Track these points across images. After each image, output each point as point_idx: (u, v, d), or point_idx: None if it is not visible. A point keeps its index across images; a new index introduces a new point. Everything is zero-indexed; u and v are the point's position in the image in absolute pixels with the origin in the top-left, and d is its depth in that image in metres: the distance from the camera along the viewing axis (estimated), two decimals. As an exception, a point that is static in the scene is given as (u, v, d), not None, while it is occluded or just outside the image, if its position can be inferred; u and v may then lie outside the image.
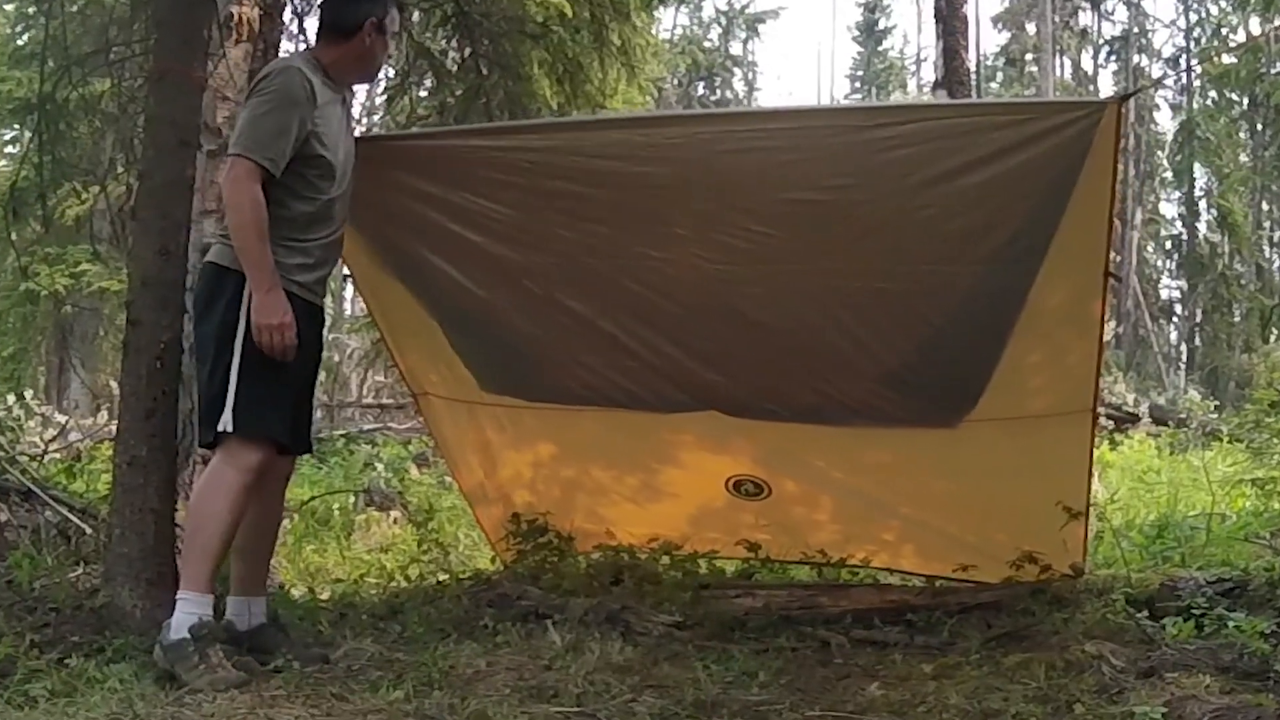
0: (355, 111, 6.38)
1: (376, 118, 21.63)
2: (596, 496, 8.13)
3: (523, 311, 6.98)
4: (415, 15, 10.47)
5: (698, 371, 7.08)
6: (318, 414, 18.29)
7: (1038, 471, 6.91)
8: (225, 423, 5.38)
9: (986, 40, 67.29)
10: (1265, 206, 48.73)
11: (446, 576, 7.93)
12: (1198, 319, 49.29)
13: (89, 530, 7.48)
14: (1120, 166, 6.34)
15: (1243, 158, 47.76)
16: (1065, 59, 54.34)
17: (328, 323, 6.00)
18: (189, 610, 5.28)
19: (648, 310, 6.77)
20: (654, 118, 9.58)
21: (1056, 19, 50.67)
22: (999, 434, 6.91)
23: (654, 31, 16.56)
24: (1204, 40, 49.04)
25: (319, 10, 6.09)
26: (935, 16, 18.27)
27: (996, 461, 7.01)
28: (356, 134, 6.34)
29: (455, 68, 10.55)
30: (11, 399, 14.38)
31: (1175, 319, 53.01)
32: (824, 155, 5.93)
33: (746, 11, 64.39)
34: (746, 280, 6.45)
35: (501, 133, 7.16)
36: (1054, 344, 6.52)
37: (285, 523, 8.38)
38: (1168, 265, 54.43)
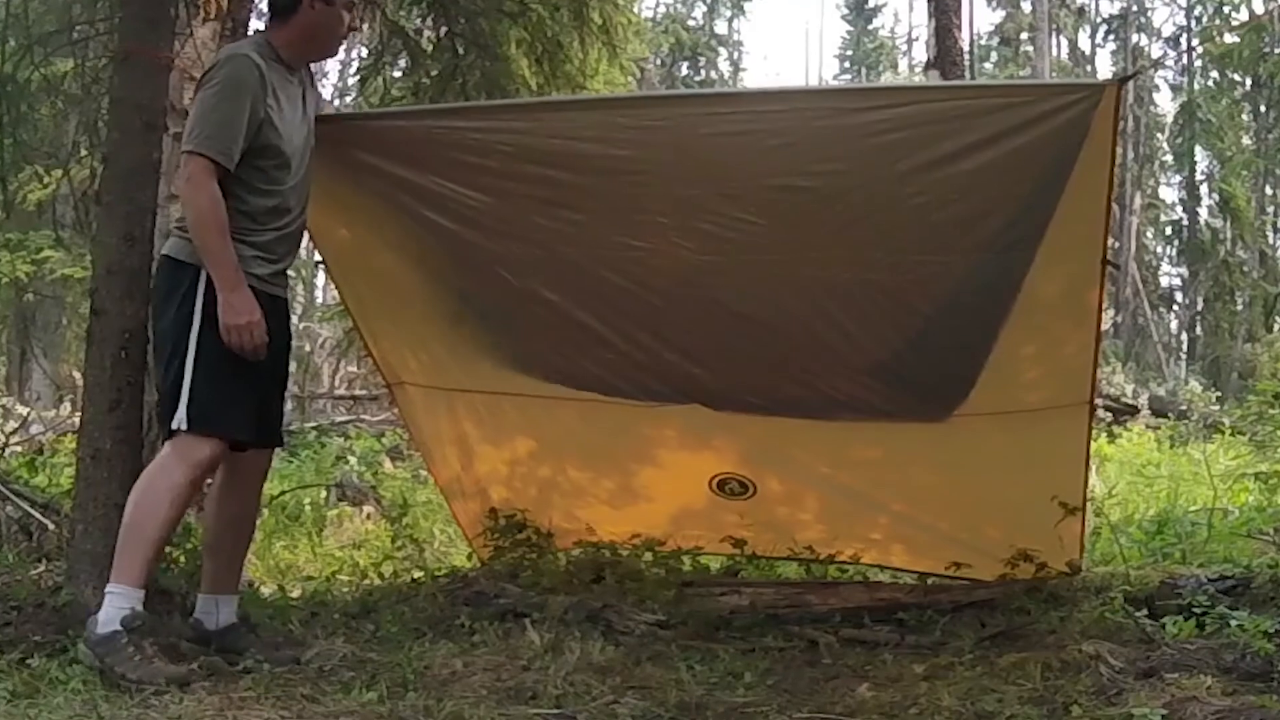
0: (326, 94, 6.33)
1: (350, 98, 21.64)
2: (572, 499, 8.13)
3: (498, 301, 6.97)
4: (390, -8, 10.46)
5: (679, 364, 7.07)
6: (288, 406, 18.30)
7: (1033, 466, 6.93)
8: (180, 420, 5.39)
9: (980, 19, 67.02)
10: (1269, 191, 48.87)
11: (421, 574, 7.93)
12: (1199, 307, 49.42)
13: (51, 526, 7.49)
14: (1119, 149, 6.36)
15: (1245, 140, 47.89)
16: (1062, 38, 54.48)
17: (298, 311, 5.96)
18: (119, 604, 5.26)
19: (627, 302, 6.74)
20: (635, 98, 9.59)
21: (1053, -4, 50.81)
22: (992, 428, 6.92)
23: (636, 10, 16.55)
24: (1205, 19, 49.12)
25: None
26: (927, -7, 18.26)
27: (990, 456, 7.02)
28: (331, 112, 6.34)
29: (430, 47, 10.52)
30: (-29, 391, 14.38)
31: (1175, 307, 53.17)
32: (811, 140, 5.90)
33: (732, -12, 64.53)
34: (730, 270, 6.42)
35: (476, 113, 7.12)
36: (1049, 336, 6.53)
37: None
38: (1168, 252, 54.61)
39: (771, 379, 7.08)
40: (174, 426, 5.40)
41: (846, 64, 71.74)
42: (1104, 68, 56.10)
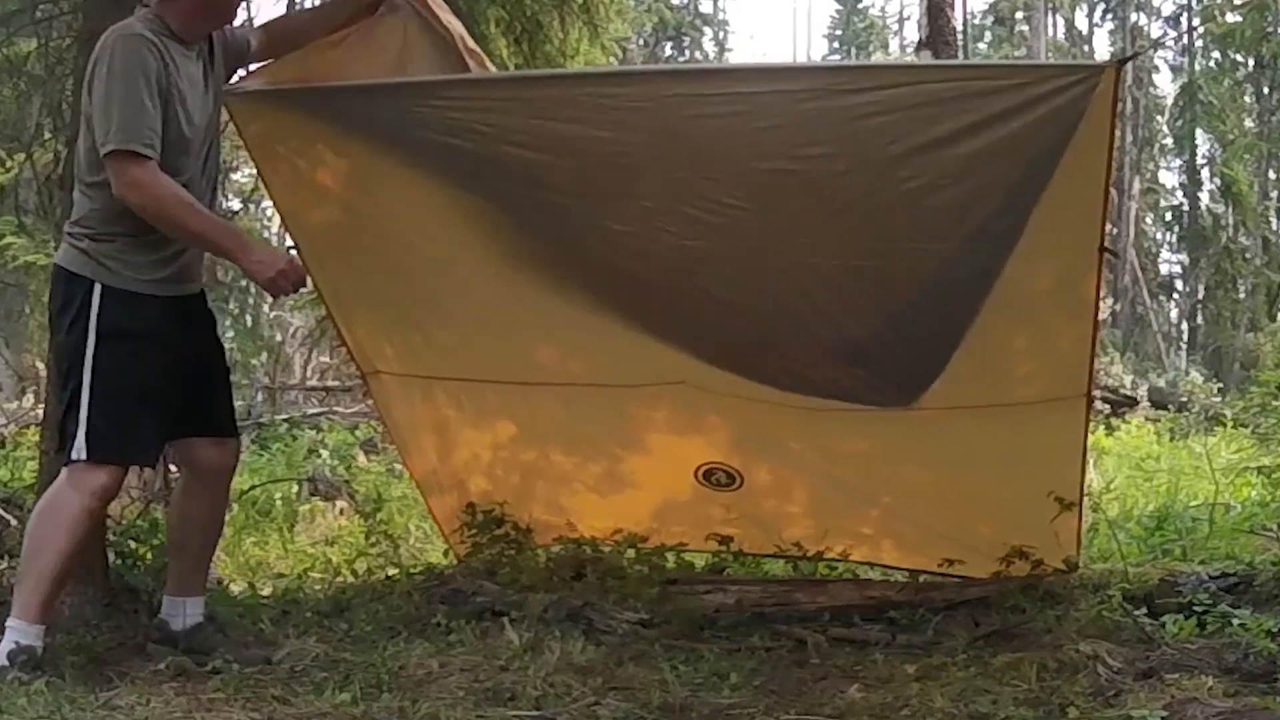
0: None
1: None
2: (557, 486, 8.08)
3: (478, 291, 6.95)
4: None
5: (665, 354, 7.07)
6: (258, 397, 18.26)
7: (1028, 461, 6.91)
8: (79, 450, 5.30)
9: (974, -3, 67.30)
10: (1272, 175, 48.88)
11: (396, 571, 7.90)
12: (1200, 295, 49.41)
13: (14, 522, 7.47)
14: (1117, 132, 6.35)
15: (1248, 123, 47.90)
16: (1058, 17, 54.48)
17: (268, 299, 5.84)
18: (13, 639, 5.22)
19: (611, 290, 6.75)
20: (616, 73, 9.53)
21: (1049, -26, 50.82)
22: (986, 422, 6.90)
23: (618, -13, 16.49)
24: (1206, -3, 49.22)
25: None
26: (919, -28, 18.28)
27: (984, 451, 7.00)
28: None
29: (407, 27, 10.50)
30: (-69, 382, 14.36)
31: (1176, 295, 53.22)
32: (799, 122, 5.84)
33: (718, -34, 64.51)
34: (716, 258, 6.38)
35: (451, 88, 7.01)
36: (1044, 328, 6.51)
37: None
38: (1168, 238, 54.65)
39: (760, 370, 7.07)
40: (73, 457, 5.32)
41: (835, 44, 71.78)
42: (1102, 48, 56.24)
